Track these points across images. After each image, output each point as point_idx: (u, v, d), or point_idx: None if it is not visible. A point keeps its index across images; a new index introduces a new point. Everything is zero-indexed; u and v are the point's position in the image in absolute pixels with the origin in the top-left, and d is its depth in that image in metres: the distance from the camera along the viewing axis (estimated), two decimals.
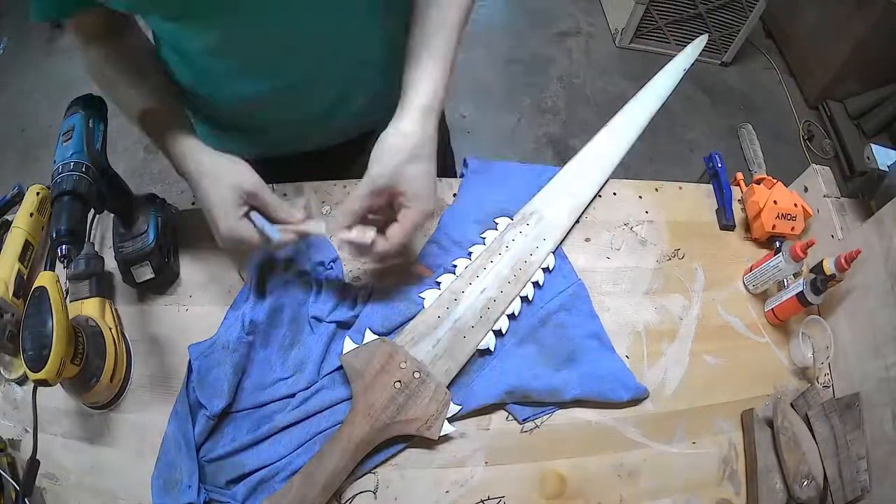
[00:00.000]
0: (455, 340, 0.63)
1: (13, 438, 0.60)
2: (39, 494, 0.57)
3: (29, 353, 0.50)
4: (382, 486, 0.59)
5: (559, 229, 0.73)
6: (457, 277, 0.67)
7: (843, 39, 2.14)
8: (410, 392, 0.59)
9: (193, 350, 0.61)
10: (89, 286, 0.64)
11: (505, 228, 0.72)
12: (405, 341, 0.62)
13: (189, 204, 0.74)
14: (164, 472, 0.57)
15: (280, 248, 0.60)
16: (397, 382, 0.59)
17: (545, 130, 2.15)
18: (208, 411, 0.58)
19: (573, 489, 0.61)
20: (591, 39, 2.47)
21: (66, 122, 0.56)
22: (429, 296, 0.66)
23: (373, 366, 0.59)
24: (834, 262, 0.68)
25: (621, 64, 2.39)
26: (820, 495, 0.63)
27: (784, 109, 2.37)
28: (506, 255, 0.69)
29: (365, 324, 0.63)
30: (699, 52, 0.86)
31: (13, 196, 0.71)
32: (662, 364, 0.70)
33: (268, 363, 0.62)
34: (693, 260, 0.78)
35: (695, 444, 0.66)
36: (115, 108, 0.60)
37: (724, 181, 0.84)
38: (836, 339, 0.71)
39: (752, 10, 2.22)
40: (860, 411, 0.67)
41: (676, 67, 0.85)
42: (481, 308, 0.65)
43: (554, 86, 2.29)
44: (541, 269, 0.70)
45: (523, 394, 0.63)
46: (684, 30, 2.34)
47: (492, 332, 0.65)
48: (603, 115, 2.39)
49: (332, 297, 0.65)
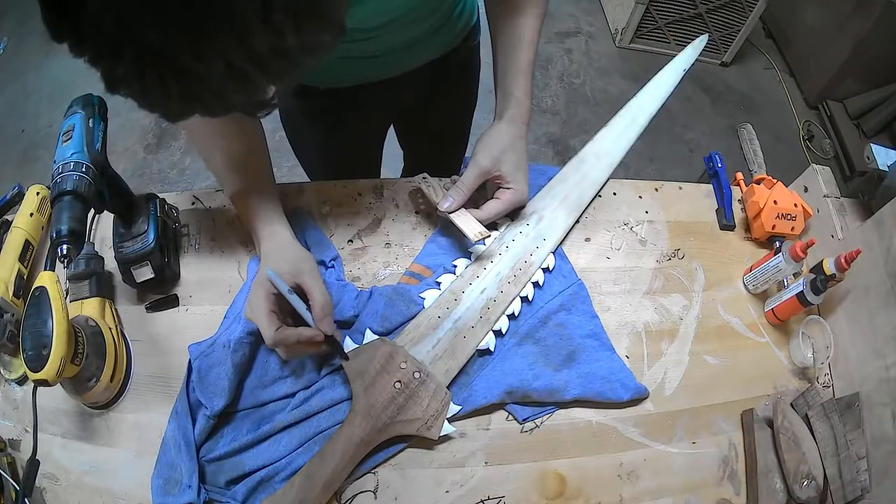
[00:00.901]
0: (455, 340, 0.63)
1: (13, 438, 0.60)
2: (39, 494, 0.57)
3: (29, 353, 0.50)
4: (382, 486, 0.59)
5: (559, 229, 0.73)
6: (457, 278, 0.67)
7: (843, 39, 2.14)
8: (411, 392, 0.59)
9: (193, 349, 0.61)
10: (89, 286, 0.64)
11: (505, 228, 0.72)
12: (405, 341, 0.62)
13: (189, 204, 0.74)
14: (164, 472, 0.57)
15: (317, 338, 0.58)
16: (398, 383, 0.59)
17: (545, 130, 2.14)
18: (208, 410, 0.58)
19: (573, 489, 0.61)
20: (591, 39, 2.47)
21: (66, 122, 0.56)
22: (429, 296, 0.66)
23: (373, 366, 0.59)
24: (834, 262, 0.68)
25: (621, 64, 2.39)
26: (820, 495, 0.63)
27: (784, 109, 2.37)
28: (506, 255, 0.69)
29: (365, 324, 0.63)
30: (699, 52, 0.86)
31: (13, 196, 0.71)
32: (662, 364, 0.70)
33: (268, 362, 0.62)
34: (693, 260, 0.78)
35: (695, 444, 0.66)
36: (115, 107, 0.60)
37: (724, 181, 0.84)
38: (836, 339, 0.71)
39: (752, 10, 2.22)
40: (860, 411, 0.67)
41: (676, 67, 0.85)
42: (481, 308, 0.65)
43: (554, 86, 2.29)
44: (541, 270, 0.70)
45: (523, 394, 0.63)
46: (684, 30, 2.34)
47: (492, 332, 0.65)
48: (603, 115, 2.39)
49: (332, 296, 0.65)
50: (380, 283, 0.70)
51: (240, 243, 0.71)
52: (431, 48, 0.78)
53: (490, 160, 0.66)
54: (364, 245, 0.72)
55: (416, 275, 0.70)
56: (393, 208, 0.75)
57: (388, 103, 0.85)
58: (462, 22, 0.80)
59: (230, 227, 0.72)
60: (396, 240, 0.73)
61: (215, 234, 0.72)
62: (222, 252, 0.71)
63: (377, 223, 0.74)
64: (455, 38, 0.81)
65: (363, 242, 0.73)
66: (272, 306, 0.56)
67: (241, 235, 0.71)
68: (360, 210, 0.75)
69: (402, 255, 0.72)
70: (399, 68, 0.77)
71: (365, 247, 0.72)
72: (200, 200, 0.74)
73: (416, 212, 0.76)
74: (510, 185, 0.67)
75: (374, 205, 0.75)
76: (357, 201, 0.75)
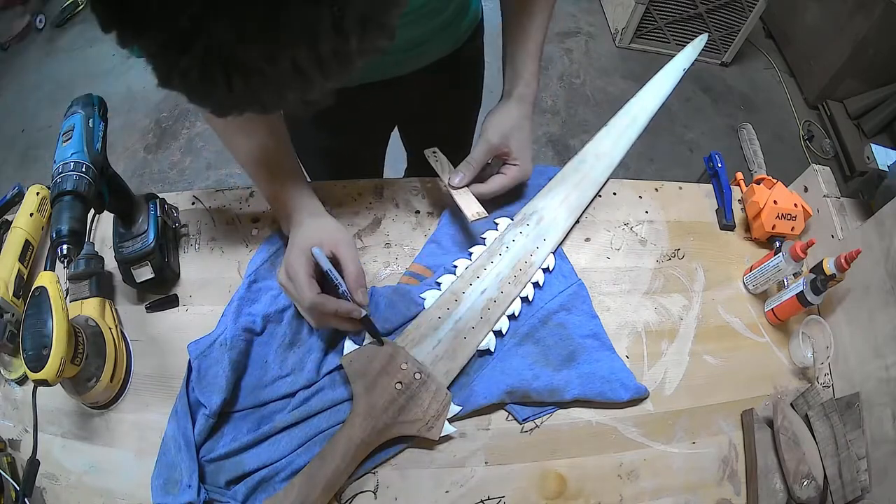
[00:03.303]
0: (456, 341, 0.63)
1: (13, 438, 0.60)
2: (39, 494, 0.57)
3: (29, 353, 0.50)
4: (382, 486, 0.59)
5: (559, 229, 0.73)
6: (457, 278, 0.67)
7: (843, 39, 2.14)
8: (411, 393, 0.59)
9: (193, 349, 0.61)
10: (89, 286, 0.64)
11: (505, 229, 0.72)
12: (406, 342, 0.62)
13: (189, 204, 0.74)
14: (164, 472, 0.57)
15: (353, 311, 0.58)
16: (398, 384, 0.59)
17: (545, 130, 2.15)
18: (207, 410, 0.58)
19: (573, 489, 0.61)
20: (591, 39, 2.47)
21: (66, 122, 0.56)
22: (429, 296, 0.66)
23: (374, 367, 0.59)
24: (834, 262, 0.68)
25: (621, 64, 2.39)
26: (820, 495, 0.63)
27: (784, 109, 2.37)
28: (506, 255, 0.69)
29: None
30: (699, 51, 0.86)
31: (13, 196, 0.71)
32: (662, 364, 0.70)
33: (267, 362, 0.62)
34: (693, 260, 0.78)
35: (695, 444, 0.66)
36: (115, 107, 0.60)
37: (724, 181, 0.84)
38: (836, 339, 0.71)
39: (752, 10, 2.22)
40: (860, 411, 0.67)
41: (676, 67, 0.85)
42: (482, 309, 0.65)
43: (554, 86, 2.29)
44: (541, 270, 0.70)
45: (523, 394, 0.63)
46: (684, 30, 2.34)
47: (492, 333, 0.65)
48: (603, 115, 2.39)
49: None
50: (380, 284, 0.70)
51: (240, 243, 0.71)
52: (438, 47, 0.78)
53: (499, 137, 0.67)
54: (364, 245, 0.72)
55: (416, 275, 0.70)
56: (393, 208, 0.75)
57: (393, 104, 0.85)
58: (468, 20, 0.80)
59: (230, 227, 0.72)
60: (396, 240, 0.73)
61: (215, 234, 0.72)
62: (222, 252, 0.71)
63: (377, 223, 0.74)
64: (461, 36, 0.81)
65: (363, 242, 0.73)
66: (312, 271, 0.57)
67: (241, 235, 0.71)
68: (360, 210, 0.75)
69: (402, 255, 0.72)
70: (405, 67, 0.77)
71: (365, 247, 0.72)
72: (200, 200, 0.74)
73: (415, 212, 0.76)
74: (517, 161, 0.69)
75: (374, 205, 0.75)
76: (357, 201, 0.75)
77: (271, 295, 0.65)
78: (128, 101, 2.01)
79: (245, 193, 0.75)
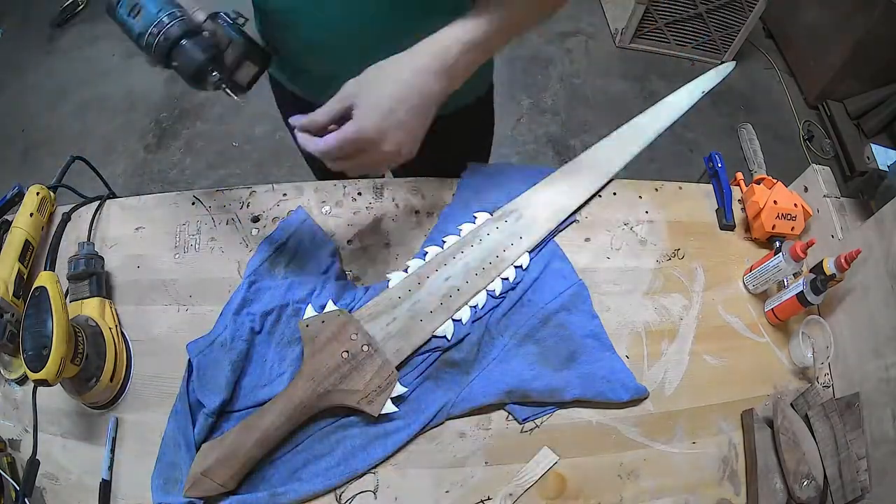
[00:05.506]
0: (412, 322, 0.64)
1: (13, 438, 0.60)
2: (39, 494, 0.57)
3: (29, 353, 0.50)
4: (382, 486, 0.59)
5: (538, 230, 0.73)
6: (425, 263, 0.68)
7: (843, 39, 2.14)
8: (356, 364, 0.60)
9: (192, 348, 0.61)
10: (89, 286, 0.64)
11: (482, 223, 0.72)
12: (362, 315, 0.63)
13: (189, 204, 0.74)
14: (164, 471, 0.57)
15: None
16: (345, 352, 0.60)
17: (545, 130, 2.14)
18: (207, 409, 0.58)
19: (573, 489, 0.61)
20: (591, 39, 2.47)
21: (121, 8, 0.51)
22: (395, 277, 0.67)
23: (325, 333, 0.60)
24: (834, 262, 0.68)
25: (621, 64, 2.39)
26: (820, 495, 0.63)
27: (784, 109, 2.37)
28: (478, 247, 0.69)
29: (328, 295, 0.64)
30: (723, 77, 0.85)
31: (13, 196, 0.71)
32: (662, 364, 0.70)
33: (266, 362, 0.62)
34: (693, 260, 0.78)
35: (695, 444, 0.66)
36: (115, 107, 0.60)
37: (724, 181, 0.84)
38: (836, 339, 0.71)
39: (752, 10, 2.22)
40: (860, 411, 0.67)
41: (695, 88, 0.85)
42: (442, 295, 0.66)
43: (554, 86, 2.29)
44: (513, 266, 0.70)
45: (523, 394, 0.63)
46: (684, 30, 2.34)
47: (451, 321, 0.65)
48: (603, 115, 2.39)
49: (331, 295, 0.65)
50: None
51: (240, 243, 0.71)
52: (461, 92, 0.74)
53: (354, 85, 0.54)
54: (364, 245, 0.72)
55: None
56: (393, 208, 0.75)
57: None
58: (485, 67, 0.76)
59: (230, 227, 0.72)
60: (396, 240, 0.73)
61: (215, 234, 0.72)
62: (222, 252, 0.71)
63: (377, 223, 0.74)
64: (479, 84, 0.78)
65: (363, 242, 0.73)
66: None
67: (241, 235, 0.71)
68: (360, 210, 0.75)
69: (402, 254, 0.72)
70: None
71: (365, 247, 0.72)
72: (200, 200, 0.74)
73: (415, 212, 0.76)
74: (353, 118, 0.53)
75: (374, 205, 0.75)
76: (357, 201, 0.75)
77: (271, 295, 0.65)
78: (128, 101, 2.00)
79: (245, 193, 0.75)
